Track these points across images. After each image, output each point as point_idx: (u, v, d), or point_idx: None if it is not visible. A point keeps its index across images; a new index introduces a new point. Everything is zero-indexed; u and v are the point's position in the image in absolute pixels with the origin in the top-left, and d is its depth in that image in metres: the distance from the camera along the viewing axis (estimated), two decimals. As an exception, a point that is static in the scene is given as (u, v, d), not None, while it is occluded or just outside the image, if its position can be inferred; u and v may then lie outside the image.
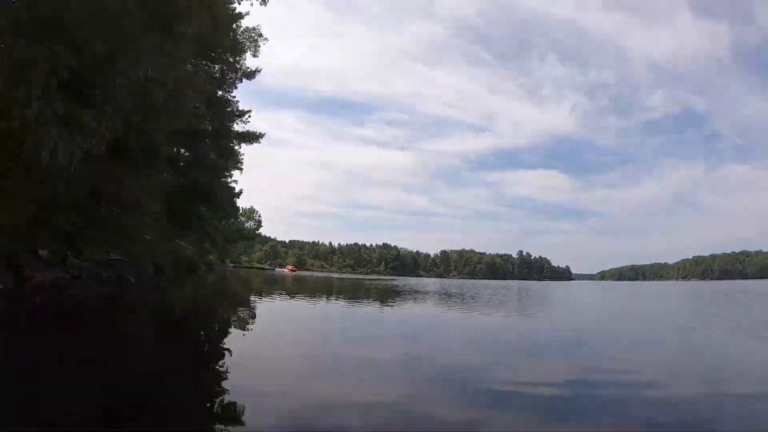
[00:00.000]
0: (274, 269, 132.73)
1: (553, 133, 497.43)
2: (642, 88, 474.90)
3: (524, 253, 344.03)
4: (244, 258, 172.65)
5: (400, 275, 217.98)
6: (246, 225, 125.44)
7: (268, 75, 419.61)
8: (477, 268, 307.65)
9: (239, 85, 50.07)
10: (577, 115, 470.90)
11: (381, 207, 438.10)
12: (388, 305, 23.40)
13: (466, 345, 11.79)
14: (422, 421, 5.87)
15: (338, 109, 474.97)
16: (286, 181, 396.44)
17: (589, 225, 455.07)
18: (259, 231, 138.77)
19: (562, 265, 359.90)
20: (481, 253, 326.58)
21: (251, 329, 13.20)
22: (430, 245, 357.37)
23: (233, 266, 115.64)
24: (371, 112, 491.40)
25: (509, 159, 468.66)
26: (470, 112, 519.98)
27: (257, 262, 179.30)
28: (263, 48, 46.81)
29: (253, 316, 16.39)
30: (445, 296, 34.15)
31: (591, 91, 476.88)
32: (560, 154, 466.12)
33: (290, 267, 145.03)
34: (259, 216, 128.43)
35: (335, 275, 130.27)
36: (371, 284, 53.69)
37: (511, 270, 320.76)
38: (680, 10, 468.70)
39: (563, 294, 49.80)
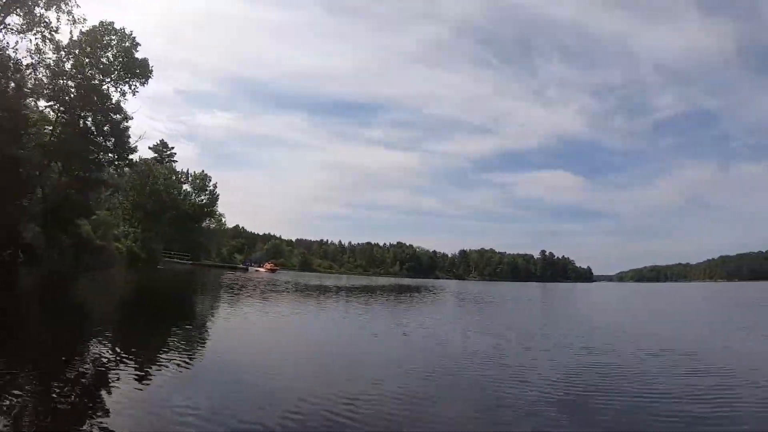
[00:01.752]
0: (247, 267, 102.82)
1: (560, 135, 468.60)
2: (650, 88, 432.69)
3: (547, 253, 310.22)
4: (238, 256, 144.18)
5: (416, 276, 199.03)
6: (194, 198, 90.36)
7: (276, 78, 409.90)
8: (498, 269, 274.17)
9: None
10: (584, 116, 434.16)
11: (391, 208, 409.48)
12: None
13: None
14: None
15: (345, 110, 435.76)
16: (294, 183, 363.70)
17: (601, 226, 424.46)
18: (216, 207, 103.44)
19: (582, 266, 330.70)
20: (501, 253, 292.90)
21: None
22: (441, 247, 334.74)
23: (191, 263, 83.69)
24: (378, 113, 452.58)
25: (517, 160, 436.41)
26: (477, 113, 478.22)
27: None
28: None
29: None
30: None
31: (598, 92, 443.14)
32: (569, 155, 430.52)
33: (269, 265, 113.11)
34: (215, 186, 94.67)
35: (344, 277, 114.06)
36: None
37: (534, 271, 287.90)
38: (686, 9, 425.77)
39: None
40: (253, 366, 10.50)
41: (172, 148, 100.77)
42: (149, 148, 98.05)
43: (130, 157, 50.99)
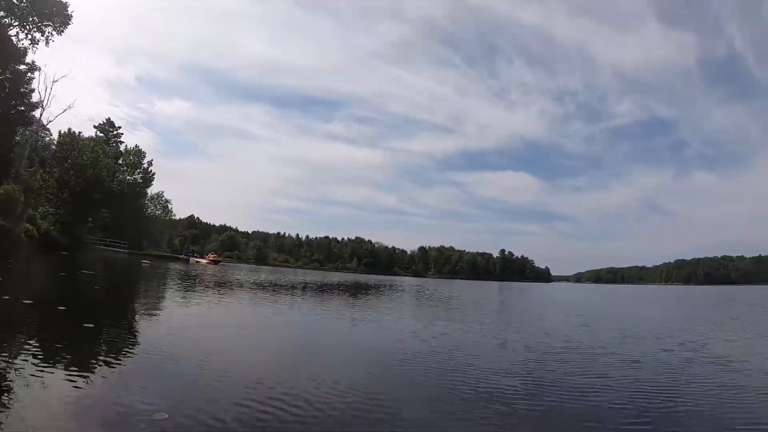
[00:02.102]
0: (188, 258, 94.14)
1: (520, 137, 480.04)
2: (609, 95, 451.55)
3: (506, 253, 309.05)
4: (192, 247, 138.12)
5: (374, 273, 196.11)
6: (125, 176, 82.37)
7: (238, 68, 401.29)
8: (458, 267, 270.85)
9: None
10: (544, 120, 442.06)
11: (350, 204, 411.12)
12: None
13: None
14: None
15: (307, 104, 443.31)
16: (253, 175, 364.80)
17: (557, 228, 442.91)
18: (161, 193, 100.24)
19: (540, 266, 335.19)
20: (461, 251, 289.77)
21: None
22: (400, 244, 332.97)
23: (128, 251, 75.94)
24: (339, 109, 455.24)
25: (477, 160, 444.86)
26: (438, 112, 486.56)
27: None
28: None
29: None
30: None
31: (558, 96, 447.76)
32: (528, 157, 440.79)
33: (211, 256, 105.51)
34: (150, 163, 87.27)
35: (299, 272, 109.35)
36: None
37: (493, 270, 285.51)
38: (648, 20, 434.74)
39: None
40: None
41: (119, 127, 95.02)
42: (94, 126, 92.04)
43: (32, 114, 43.25)
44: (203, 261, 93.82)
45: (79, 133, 70.70)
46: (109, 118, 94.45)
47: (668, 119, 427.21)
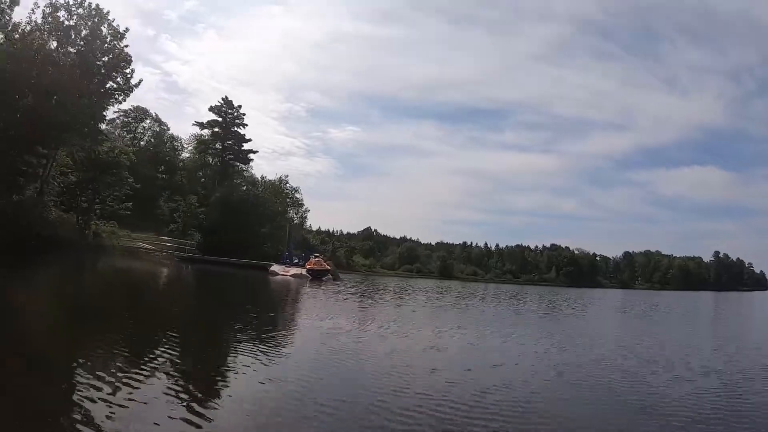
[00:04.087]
0: (283, 263, 60.62)
1: (699, 125, 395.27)
2: None
3: (721, 255, 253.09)
4: (368, 262, 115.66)
5: (575, 285, 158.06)
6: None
7: (401, 89, 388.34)
8: (669, 275, 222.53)
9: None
10: (722, 103, 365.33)
11: (530, 212, 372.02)
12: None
13: None
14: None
15: (474, 116, 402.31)
16: (427, 189, 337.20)
17: (754, 224, 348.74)
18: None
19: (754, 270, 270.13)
20: (669, 256, 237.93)
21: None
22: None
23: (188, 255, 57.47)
24: (507, 117, 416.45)
25: (657, 156, 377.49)
26: (608, 109, 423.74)
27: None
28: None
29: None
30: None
31: (734, 74, 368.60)
32: (711, 147, 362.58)
33: (313, 263, 56.94)
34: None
35: (491, 287, 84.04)
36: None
37: (707, 277, 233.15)
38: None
39: None
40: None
41: (239, 106, 76.99)
42: (209, 109, 76.59)
43: None
44: (290, 272, 54.57)
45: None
46: (226, 97, 77.59)
47: None
